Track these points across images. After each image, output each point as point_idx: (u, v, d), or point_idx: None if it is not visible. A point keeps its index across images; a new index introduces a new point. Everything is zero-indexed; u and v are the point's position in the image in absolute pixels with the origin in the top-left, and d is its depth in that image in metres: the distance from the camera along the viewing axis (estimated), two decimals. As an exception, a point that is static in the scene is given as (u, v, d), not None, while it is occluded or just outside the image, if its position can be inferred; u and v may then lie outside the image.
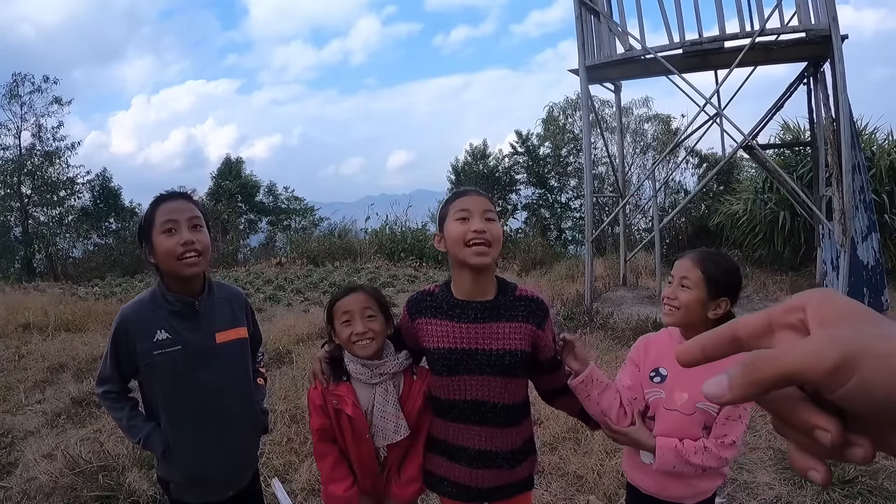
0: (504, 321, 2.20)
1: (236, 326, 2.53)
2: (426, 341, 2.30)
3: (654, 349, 2.43)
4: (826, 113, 9.22)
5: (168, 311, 2.36)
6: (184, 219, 2.31)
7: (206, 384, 2.38)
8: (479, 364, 2.20)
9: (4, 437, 5.34)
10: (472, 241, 2.14)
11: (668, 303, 2.30)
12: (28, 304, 10.97)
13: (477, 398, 2.23)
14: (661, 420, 2.31)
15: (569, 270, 13.84)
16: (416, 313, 2.36)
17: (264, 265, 19.04)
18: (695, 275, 2.24)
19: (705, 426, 2.23)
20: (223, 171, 27.22)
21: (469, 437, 2.28)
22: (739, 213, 14.09)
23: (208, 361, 2.39)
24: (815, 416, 0.51)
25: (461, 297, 2.27)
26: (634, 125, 21.46)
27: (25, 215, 23.92)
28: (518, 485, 2.35)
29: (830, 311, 0.53)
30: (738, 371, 0.51)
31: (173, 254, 2.27)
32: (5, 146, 24.01)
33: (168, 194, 2.42)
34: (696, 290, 2.23)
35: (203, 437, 2.40)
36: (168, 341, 2.32)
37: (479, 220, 2.15)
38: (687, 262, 2.30)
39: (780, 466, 4.27)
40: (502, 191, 23.47)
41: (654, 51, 9.24)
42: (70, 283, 17.16)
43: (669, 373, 2.32)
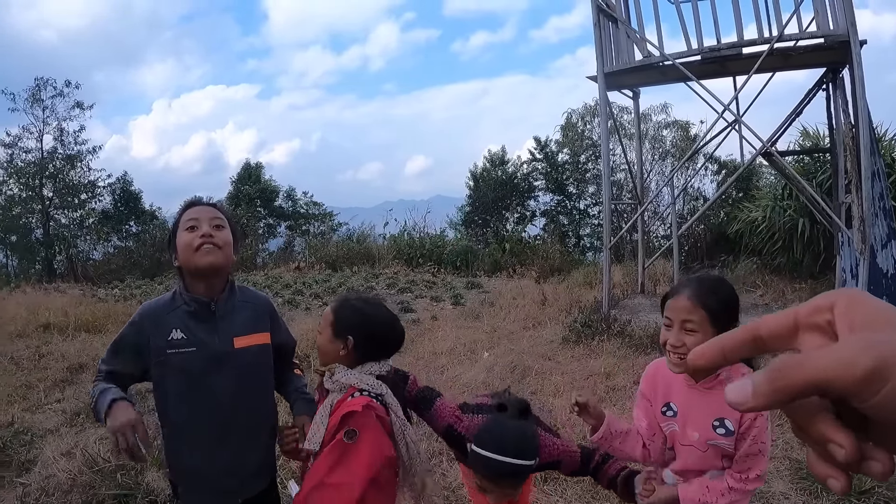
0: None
1: (257, 332, 2.47)
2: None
3: (662, 383, 2.36)
4: (845, 119, 9.16)
5: (185, 311, 2.33)
6: (206, 217, 2.35)
7: (219, 389, 2.32)
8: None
9: (24, 435, 5.41)
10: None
11: (674, 351, 2.13)
12: (48, 305, 11.11)
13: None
14: (679, 454, 2.28)
15: (587, 277, 13.85)
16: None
17: (283, 269, 19.15)
18: (698, 315, 2.09)
19: (724, 456, 2.16)
20: (243, 176, 27.38)
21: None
22: (758, 220, 14.00)
23: (223, 366, 2.33)
24: (832, 430, 0.49)
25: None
26: (653, 131, 21.36)
27: (47, 217, 24.20)
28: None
29: (860, 313, 0.50)
30: (763, 377, 0.48)
31: (191, 245, 2.29)
32: (28, 149, 24.42)
33: (197, 200, 2.51)
34: (703, 331, 2.08)
35: (210, 443, 2.34)
36: (183, 341, 2.29)
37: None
38: (685, 301, 2.13)
39: (797, 476, 4.26)
40: (520, 197, 23.43)
41: (672, 57, 9.22)
42: (90, 285, 17.34)
43: (679, 409, 2.27)
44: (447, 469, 4.50)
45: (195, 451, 2.36)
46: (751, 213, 14.55)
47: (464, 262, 18.08)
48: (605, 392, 6.18)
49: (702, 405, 2.17)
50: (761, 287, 11.81)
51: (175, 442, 2.39)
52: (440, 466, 4.56)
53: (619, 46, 9.81)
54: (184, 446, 2.37)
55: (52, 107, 24.31)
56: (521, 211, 23.36)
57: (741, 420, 2.09)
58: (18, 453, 5.04)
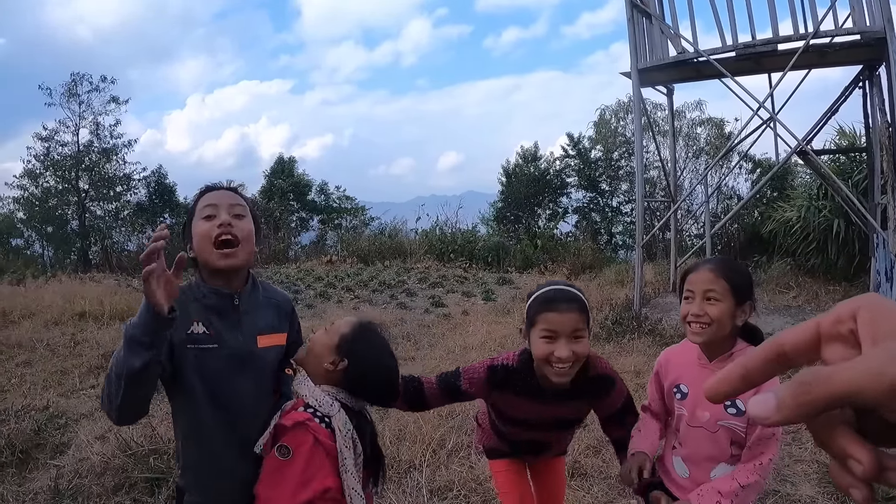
0: (576, 399, 2.36)
1: (279, 332, 2.24)
2: (501, 407, 2.46)
3: (674, 365, 2.39)
4: (881, 118, 9.05)
5: (203, 304, 2.08)
6: (225, 204, 2.11)
7: (240, 392, 2.07)
8: (541, 423, 2.44)
9: (59, 419, 5.52)
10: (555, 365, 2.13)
11: (696, 321, 2.15)
12: (84, 294, 11.28)
13: (533, 439, 2.57)
14: (685, 437, 2.28)
15: (618, 275, 13.79)
16: (498, 388, 2.37)
17: (315, 263, 19.26)
18: (720, 285, 2.13)
19: (732, 441, 2.17)
20: (276, 170, 27.55)
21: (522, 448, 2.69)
22: (793, 220, 13.82)
23: (246, 367, 2.09)
24: (851, 445, 0.48)
25: (543, 384, 2.28)
26: (687, 129, 21.20)
27: (83, 209, 24.55)
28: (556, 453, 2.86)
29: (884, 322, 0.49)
30: (788, 391, 0.47)
31: (209, 237, 2.04)
32: (64, 143, 24.77)
33: (213, 186, 2.26)
34: (725, 301, 2.12)
35: (227, 446, 2.06)
36: (204, 337, 2.03)
37: (564, 346, 2.11)
38: (707, 273, 2.18)
39: (824, 480, 4.21)
40: (553, 194, 23.38)
41: (706, 53, 9.16)
42: (125, 275, 17.56)
43: (690, 390, 2.28)
44: (475, 462, 4.53)
45: (210, 455, 2.09)
46: (785, 212, 14.38)
47: (495, 257, 18.04)
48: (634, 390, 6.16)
49: None
50: (795, 288, 11.68)
51: (194, 449, 2.11)
52: (468, 459, 4.59)
53: (653, 42, 9.77)
54: (197, 448, 2.10)
55: (88, 101, 24.67)
56: (554, 207, 23.29)
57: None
58: (53, 436, 5.13)
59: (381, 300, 12.17)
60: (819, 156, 10.91)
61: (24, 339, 8.41)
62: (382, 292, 13.10)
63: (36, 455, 4.78)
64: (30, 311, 10.19)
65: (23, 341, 8.29)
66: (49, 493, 4.12)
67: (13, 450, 4.70)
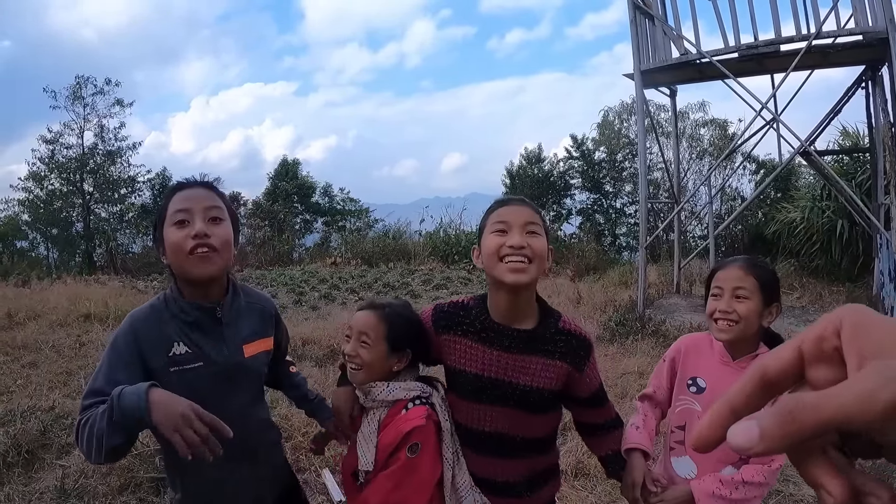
0: (539, 356, 2.00)
1: (265, 337, 2.15)
2: (451, 359, 2.10)
3: (692, 355, 2.31)
4: (884, 118, 9.06)
5: (183, 321, 1.93)
6: (199, 208, 1.91)
7: (231, 404, 1.93)
8: (503, 395, 2.02)
9: (64, 420, 5.52)
10: (507, 257, 1.87)
11: (723, 317, 2.11)
12: (89, 296, 11.29)
13: (498, 430, 2.07)
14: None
15: (622, 276, 13.79)
16: (444, 329, 2.09)
17: (319, 264, 19.27)
18: (749, 283, 2.10)
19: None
20: (280, 172, 27.57)
21: (491, 469, 2.11)
22: (796, 221, 13.84)
23: (235, 379, 2.01)
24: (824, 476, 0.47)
25: (498, 319, 2.01)
26: (690, 130, 21.19)
27: (87, 211, 24.61)
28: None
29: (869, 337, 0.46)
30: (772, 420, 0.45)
31: (182, 249, 1.87)
32: (69, 145, 24.80)
33: (186, 182, 2.03)
34: (754, 299, 2.09)
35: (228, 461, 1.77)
36: (188, 356, 1.90)
37: (518, 235, 1.87)
38: (737, 270, 2.14)
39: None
40: (557, 195, 23.39)
41: (709, 54, 9.17)
42: (129, 277, 17.59)
43: (708, 385, 2.22)
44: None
45: (211, 476, 1.96)
46: (789, 213, 14.39)
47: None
48: (636, 391, 6.18)
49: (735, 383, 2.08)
50: (798, 289, 11.67)
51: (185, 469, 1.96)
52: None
53: (656, 44, 9.78)
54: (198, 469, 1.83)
55: (93, 104, 24.69)
56: (558, 209, 23.28)
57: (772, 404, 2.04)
58: (59, 437, 5.14)
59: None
60: (822, 156, 10.95)
61: (29, 340, 8.42)
62: (387, 294, 13.10)
63: (42, 455, 4.79)
64: (35, 312, 10.21)
65: (28, 343, 8.31)
66: (55, 493, 4.14)
67: (19, 450, 4.71)
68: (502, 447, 2.08)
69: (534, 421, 2.09)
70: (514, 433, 2.07)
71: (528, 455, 2.13)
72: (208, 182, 2.08)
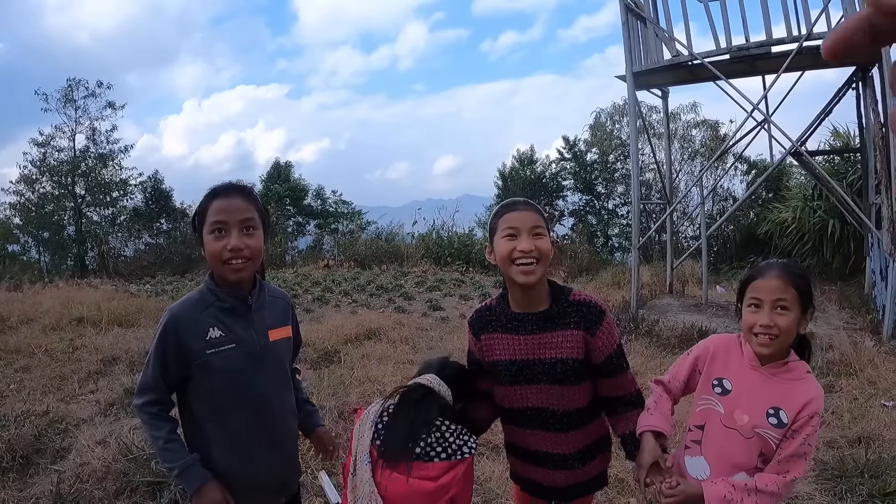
0: (558, 329, 2.25)
1: (285, 325, 2.41)
2: (490, 355, 2.37)
3: (722, 356, 2.26)
4: (875, 118, 9.10)
5: (219, 308, 2.19)
6: (235, 221, 2.15)
7: (260, 385, 2.23)
8: (536, 373, 2.28)
9: (59, 424, 5.52)
10: (518, 260, 2.15)
11: (766, 332, 2.06)
12: (82, 299, 11.27)
13: (537, 405, 2.32)
14: (715, 436, 2.17)
15: (615, 277, 13.82)
16: (480, 330, 2.41)
17: (312, 267, 19.27)
18: (790, 294, 2.05)
19: (761, 452, 2.08)
20: (272, 175, 27.56)
21: (536, 441, 2.39)
22: (788, 221, 13.90)
23: (263, 361, 2.24)
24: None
25: (517, 309, 2.31)
26: (682, 131, 21.24)
27: (79, 214, 24.52)
28: (588, 483, 2.45)
29: None
30: None
31: (219, 258, 2.14)
32: (60, 148, 24.66)
33: (224, 188, 2.25)
34: (794, 310, 2.06)
35: (256, 443, 2.22)
36: (222, 339, 2.15)
37: (526, 239, 2.16)
38: (777, 281, 2.08)
39: (822, 477, 4.25)
40: (549, 196, 23.39)
41: (700, 56, 9.21)
42: (122, 281, 17.56)
43: (734, 388, 2.17)
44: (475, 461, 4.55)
45: (241, 455, 2.23)
46: (780, 213, 14.45)
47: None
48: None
49: (762, 389, 2.11)
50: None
51: (218, 448, 2.21)
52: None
53: (648, 46, 9.82)
54: (228, 451, 2.21)
55: (85, 107, 24.57)
56: (550, 210, 23.30)
57: (797, 415, 2.03)
58: (53, 441, 5.14)
59: (379, 304, 12.15)
60: (813, 157, 10.98)
61: (22, 344, 8.40)
62: (380, 296, 13.10)
63: (37, 460, 4.79)
64: (28, 316, 10.18)
65: (21, 347, 8.28)
66: (50, 498, 4.12)
67: (14, 455, 4.70)
68: (546, 422, 2.33)
69: (567, 393, 2.29)
70: (553, 407, 2.31)
71: (573, 428, 2.34)
72: (244, 188, 2.31)
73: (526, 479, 2.51)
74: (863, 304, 9.96)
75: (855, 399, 5.64)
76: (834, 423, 5.16)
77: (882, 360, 6.44)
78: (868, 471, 4.18)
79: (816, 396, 2.05)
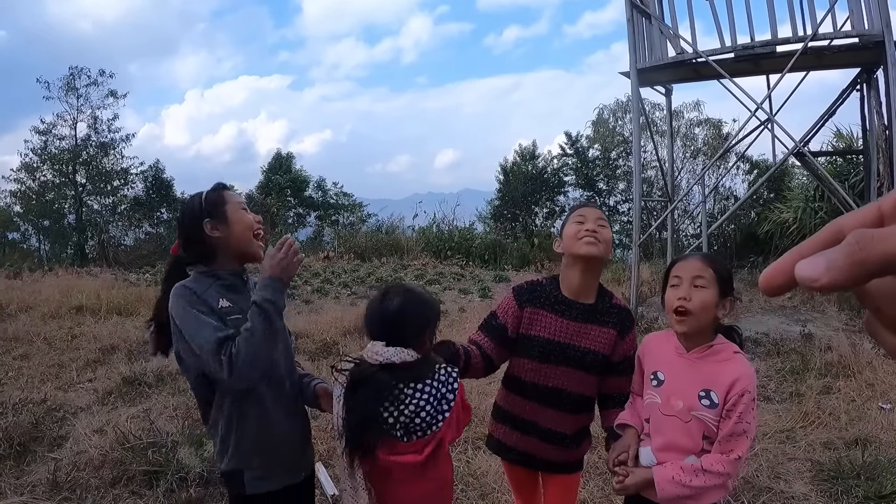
0: (597, 324, 2.50)
1: None
2: (531, 328, 2.55)
3: (654, 351, 2.44)
4: (878, 120, 9.09)
5: (220, 285, 2.33)
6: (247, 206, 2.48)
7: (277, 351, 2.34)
8: (567, 357, 2.49)
9: (56, 412, 5.53)
10: (584, 237, 2.39)
11: (681, 304, 2.19)
12: (81, 288, 11.26)
13: (558, 386, 2.51)
14: (658, 425, 2.29)
15: (615, 274, 13.80)
16: (528, 302, 2.57)
17: (312, 259, 19.26)
18: (708, 273, 2.19)
19: (704, 435, 2.19)
20: (273, 166, 27.54)
21: (543, 416, 2.56)
22: (789, 221, 13.88)
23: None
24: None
25: (568, 294, 2.52)
26: (685, 129, 21.22)
27: (80, 203, 24.58)
28: (573, 465, 2.69)
29: None
30: (840, 251, 0.43)
31: (251, 228, 2.40)
32: (62, 136, 24.80)
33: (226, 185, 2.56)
34: (711, 288, 2.18)
35: (278, 411, 2.33)
36: (231, 309, 2.28)
37: (592, 223, 2.43)
38: (696, 261, 2.26)
39: (818, 478, 4.26)
40: (550, 192, 23.39)
41: (705, 54, 9.18)
42: (121, 270, 17.54)
43: (666, 377, 2.31)
44: (472, 456, 4.56)
45: (271, 424, 2.33)
46: (781, 213, 14.43)
47: (492, 255, 18.00)
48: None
49: (690, 374, 2.23)
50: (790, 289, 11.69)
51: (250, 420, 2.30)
52: (465, 454, 4.61)
53: (653, 43, 9.79)
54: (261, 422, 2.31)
55: (86, 95, 24.66)
56: (551, 206, 23.28)
57: (727, 395, 2.14)
58: (51, 429, 5.15)
59: (379, 297, 12.13)
60: (816, 157, 10.96)
61: (21, 332, 8.41)
62: (379, 289, 13.10)
63: (34, 448, 4.79)
64: (27, 304, 10.19)
65: (20, 334, 8.29)
66: (47, 486, 4.14)
67: (11, 443, 4.71)
68: (559, 401, 2.53)
69: (588, 380, 2.54)
70: (571, 389, 2.52)
71: (578, 411, 2.58)
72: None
73: (517, 450, 2.65)
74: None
75: (852, 401, 5.64)
76: (831, 424, 5.17)
77: (880, 363, 6.43)
78: (864, 473, 4.19)
79: (743, 374, 2.15)
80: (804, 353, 6.99)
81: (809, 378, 6.23)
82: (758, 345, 7.70)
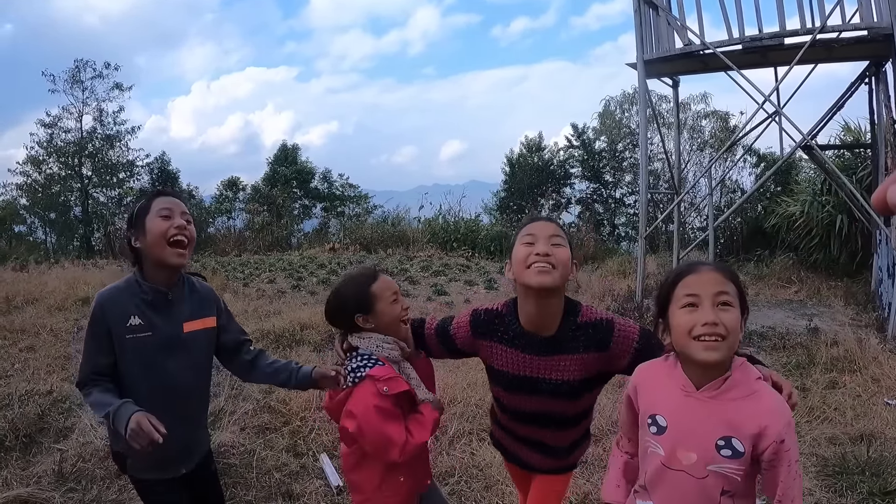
0: (565, 354, 2.22)
1: (203, 317, 2.61)
2: (492, 360, 2.41)
3: (649, 388, 1.92)
4: (887, 114, 9.03)
5: (142, 299, 2.42)
6: (178, 210, 2.47)
7: (170, 369, 2.44)
8: (538, 389, 2.30)
9: (62, 404, 5.55)
10: (534, 264, 2.08)
11: (711, 332, 1.66)
12: (87, 280, 11.32)
13: (536, 411, 2.38)
14: (661, 481, 1.83)
15: (621, 266, 13.82)
16: (482, 336, 2.40)
17: (317, 250, 19.28)
18: (731, 289, 1.71)
19: (724, 490, 1.71)
20: (279, 157, 27.62)
21: (531, 432, 2.47)
22: (796, 215, 13.79)
23: (175, 349, 2.46)
24: None
25: (526, 326, 2.25)
26: (692, 121, 21.15)
27: (86, 195, 24.67)
28: (568, 466, 2.57)
29: None
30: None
31: (165, 235, 2.39)
32: (67, 129, 24.89)
33: (164, 190, 2.64)
34: (737, 308, 1.71)
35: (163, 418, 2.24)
36: (141, 327, 2.39)
37: (543, 244, 2.10)
38: (714, 274, 1.73)
39: (823, 473, 4.25)
40: (556, 184, 23.37)
41: (712, 46, 9.14)
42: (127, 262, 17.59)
43: (669, 424, 1.80)
44: (476, 448, 4.56)
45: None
46: (788, 207, 14.35)
47: (498, 247, 17.96)
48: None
49: (702, 418, 1.73)
50: (796, 283, 11.67)
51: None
52: (470, 446, 4.62)
53: (660, 34, 9.75)
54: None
55: (92, 88, 24.77)
56: (557, 198, 23.27)
57: (758, 441, 1.67)
58: (57, 421, 5.17)
59: (384, 288, 12.14)
60: (823, 151, 10.93)
61: (27, 324, 8.44)
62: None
63: (40, 439, 4.82)
64: (33, 296, 10.23)
65: (26, 326, 8.33)
66: (53, 477, 4.15)
67: (17, 434, 4.75)
68: (548, 421, 2.39)
69: (567, 405, 2.34)
70: (551, 413, 2.36)
71: (567, 428, 2.44)
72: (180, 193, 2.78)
73: (511, 453, 2.63)
74: (868, 300, 9.92)
75: (858, 396, 5.62)
76: (836, 419, 5.15)
77: (886, 358, 6.41)
78: (869, 468, 4.17)
79: (773, 420, 1.66)
80: (810, 348, 6.96)
81: (815, 373, 6.22)
82: (764, 339, 7.67)
